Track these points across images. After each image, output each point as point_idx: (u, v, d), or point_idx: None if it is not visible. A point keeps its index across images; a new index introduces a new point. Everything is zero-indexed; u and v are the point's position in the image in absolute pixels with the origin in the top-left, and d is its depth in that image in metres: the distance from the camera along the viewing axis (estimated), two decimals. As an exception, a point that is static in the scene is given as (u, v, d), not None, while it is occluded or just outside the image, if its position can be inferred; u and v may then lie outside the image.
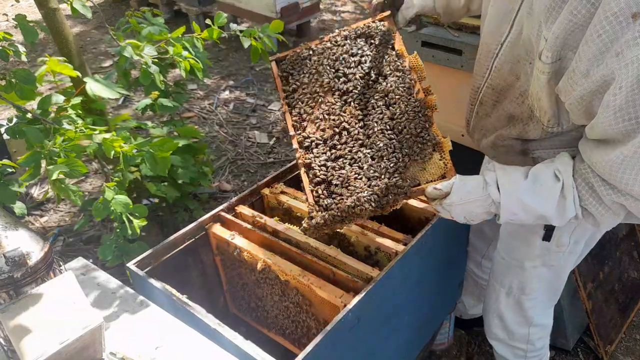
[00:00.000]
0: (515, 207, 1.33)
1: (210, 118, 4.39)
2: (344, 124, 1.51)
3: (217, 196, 3.44)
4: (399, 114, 1.49)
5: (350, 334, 1.39)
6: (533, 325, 1.87)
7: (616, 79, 1.09)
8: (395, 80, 1.54)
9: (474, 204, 1.36)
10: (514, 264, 1.75)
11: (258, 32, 2.17)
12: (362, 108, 1.53)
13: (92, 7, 2.02)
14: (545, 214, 1.32)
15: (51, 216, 3.32)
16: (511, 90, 1.48)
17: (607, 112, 1.13)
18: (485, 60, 1.52)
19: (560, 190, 1.29)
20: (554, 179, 1.30)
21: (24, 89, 1.71)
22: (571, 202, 1.29)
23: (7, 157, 2.98)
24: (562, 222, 1.35)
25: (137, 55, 1.99)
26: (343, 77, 1.58)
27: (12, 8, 7.04)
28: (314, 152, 1.49)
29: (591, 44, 1.11)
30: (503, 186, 1.34)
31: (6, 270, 1.12)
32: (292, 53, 1.68)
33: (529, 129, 1.46)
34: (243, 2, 5.27)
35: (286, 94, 1.62)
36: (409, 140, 1.46)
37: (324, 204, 1.42)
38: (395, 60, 1.59)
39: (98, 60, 5.55)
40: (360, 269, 1.52)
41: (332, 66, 1.60)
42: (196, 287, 1.83)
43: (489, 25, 1.48)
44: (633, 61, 1.05)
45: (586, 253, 1.80)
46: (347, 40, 1.65)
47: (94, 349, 1.16)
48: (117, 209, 1.71)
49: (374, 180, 1.42)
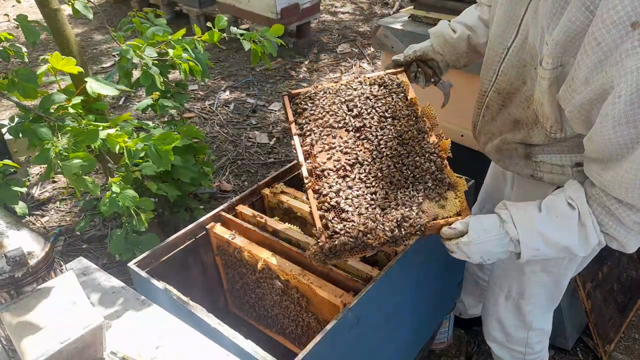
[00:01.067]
0: (537, 242, 1.29)
1: (211, 118, 4.39)
2: (357, 156, 1.49)
3: (218, 196, 3.45)
4: (412, 154, 1.49)
5: (350, 333, 1.39)
6: (532, 330, 1.87)
7: (615, 88, 1.08)
8: (408, 123, 1.56)
9: (492, 243, 1.32)
10: (514, 268, 1.75)
11: (258, 35, 2.17)
12: (376, 146, 1.51)
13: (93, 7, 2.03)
14: (569, 245, 1.28)
15: (52, 216, 3.32)
16: (517, 94, 1.47)
17: (606, 121, 1.12)
18: (492, 65, 1.52)
19: (578, 219, 1.25)
20: (569, 208, 1.27)
21: (27, 88, 1.72)
22: (592, 230, 1.25)
23: (8, 157, 2.98)
24: (587, 252, 1.30)
25: (138, 57, 1.99)
26: (358, 116, 1.59)
27: (13, 9, 7.05)
28: (325, 180, 1.45)
29: (590, 52, 1.11)
30: (519, 222, 1.30)
31: (7, 270, 1.12)
32: (306, 91, 1.68)
33: (533, 133, 1.46)
34: (243, 3, 5.27)
35: (299, 125, 1.61)
36: (424, 177, 1.45)
37: (335, 228, 1.35)
38: (409, 106, 1.60)
39: (99, 60, 5.56)
40: (360, 268, 1.53)
41: (347, 105, 1.61)
42: (197, 286, 1.83)
43: (496, 29, 1.48)
44: (632, 70, 1.04)
45: (589, 260, 1.79)
46: (361, 85, 1.67)
47: (94, 348, 1.17)
48: (124, 203, 1.72)
49: (388, 209, 1.38)
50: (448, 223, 1.36)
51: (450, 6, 2.42)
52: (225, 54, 5.51)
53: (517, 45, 1.41)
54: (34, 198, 3.46)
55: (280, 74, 5.11)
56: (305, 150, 1.54)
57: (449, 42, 1.70)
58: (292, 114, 1.64)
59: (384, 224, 1.34)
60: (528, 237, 1.29)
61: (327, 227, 1.36)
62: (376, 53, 5.27)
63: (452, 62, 1.75)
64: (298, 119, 1.62)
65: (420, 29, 2.43)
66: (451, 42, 1.70)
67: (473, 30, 1.69)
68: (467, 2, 2.35)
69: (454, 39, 1.69)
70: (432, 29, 1.76)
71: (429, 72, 1.75)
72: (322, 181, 1.45)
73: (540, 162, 1.50)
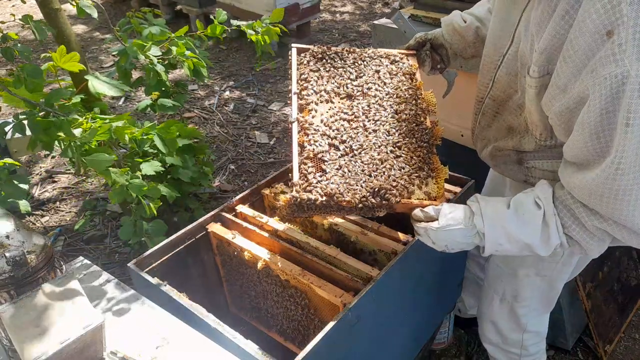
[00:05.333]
0: (500, 237, 1.31)
1: (211, 118, 4.39)
2: (350, 120, 1.51)
3: (218, 196, 3.45)
4: (405, 134, 1.49)
5: (350, 333, 1.39)
6: (526, 332, 1.87)
7: (590, 97, 1.08)
8: (408, 102, 1.56)
9: (459, 233, 1.34)
10: (507, 271, 1.76)
11: (260, 23, 2.18)
12: (371, 118, 1.52)
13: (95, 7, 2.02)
14: (530, 243, 1.30)
15: (52, 216, 3.32)
16: (510, 102, 1.49)
17: (582, 129, 1.13)
18: (488, 72, 1.53)
19: (542, 218, 1.27)
20: (535, 206, 1.29)
21: (34, 83, 1.73)
22: (554, 230, 1.27)
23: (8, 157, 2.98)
24: (547, 252, 1.32)
25: (144, 55, 2.00)
26: (361, 86, 1.59)
27: (14, 9, 7.05)
28: (313, 136, 1.45)
29: (568, 59, 1.11)
30: (487, 215, 1.32)
31: (7, 270, 1.12)
32: (316, 48, 1.66)
33: (525, 141, 1.47)
34: (243, 2, 5.28)
35: (301, 83, 1.59)
36: (411, 158, 1.46)
37: (312, 182, 1.35)
38: (413, 88, 1.61)
39: (99, 60, 5.56)
40: (360, 268, 1.53)
41: (354, 73, 1.61)
42: (196, 286, 1.83)
43: (492, 37, 1.49)
44: (606, 78, 1.04)
45: (584, 266, 1.79)
46: (371, 58, 1.67)
47: (94, 348, 1.17)
48: (133, 191, 1.75)
49: (368, 179, 1.40)
50: (422, 205, 1.38)
51: (450, 6, 2.42)
52: (225, 54, 5.51)
53: (511, 53, 1.42)
54: (34, 198, 3.46)
55: (280, 74, 5.11)
56: (301, 105, 1.54)
57: (458, 30, 1.71)
58: (297, 70, 1.62)
59: (360, 190, 1.36)
60: (493, 231, 1.31)
61: (306, 179, 1.37)
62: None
63: (459, 52, 1.76)
64: (301, 77, 1.60)
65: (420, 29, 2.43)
66: (460, 30, 1.71)
67: (482, 22, 1.70)
68: (467, 2, 2.35)
69: (462, 27, 1.71)
70: (444, 18, 1.77)
71: (437, 58, 1.76)
72: (309, 136, 1.45)
73: (532, 168, 1.52)
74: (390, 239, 1.65)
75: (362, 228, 1.71)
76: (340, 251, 1.60)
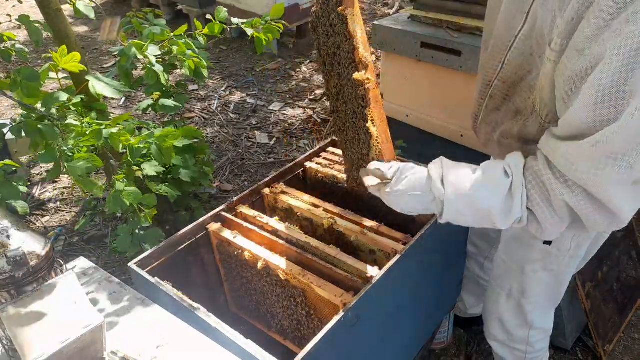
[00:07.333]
0: (462, 205, 1.26)
1: (211, 118, 4.40)
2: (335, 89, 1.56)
3: (218, 196, 3.45)
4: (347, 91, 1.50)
5: (349, 333, 1.40)
6: (533, 328, 1.87)
7: (607, 54, 1.04)
8: (344, 55, 1.46)
9: (414, 198, 1.29)
10: (514, 266, 1.75)
11: (260, 21, 2.17)
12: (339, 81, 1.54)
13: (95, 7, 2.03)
14: (492, 210, 1.24)
15: (52, 216, 3.33)
16: (522, 84, 1.44)
17: (591, 91, 1.07)
18: (499, 54, 1.48)
19: (509, 188, 1.23)
20: (504, 174, 1.24)
21: (29, 87, 1.71)
22: (518, 202, 1.22)
23: (9, 158, 2.99)
24: (505, 224, 1.27)
25: (142, 55, 1.99)
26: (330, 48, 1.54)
27: (14, 9, 7.06)
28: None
29: (592, 20, 1.06)
30: (450, 181, 1.26)
31: (8, 270, 1.12)
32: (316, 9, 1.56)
33: (529, 123, 1.43)
34: (243, 3, 5.28)
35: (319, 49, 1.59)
36: (352, 117, 1.48)
37: None
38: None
39: (99, 61, 5.57)
40: (360, 268, 1.53)
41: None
42: (197, 286, 1.83)
43: (504, 18, 1.44)
44: (628, 35, 0.99)
45: (589, 258, 1.79)
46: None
47: (95, 348, 1.17)
48: (128, 199, 1.73)
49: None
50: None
51: (450, 6, 2.42)
52: (225, 54, 5.51)
53: (524, 33, 1.36)
54: (34, 198, 3.46)
55: (280, 74, 5.11)
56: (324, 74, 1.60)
57: None
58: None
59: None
60: (455, 199, 1.25)
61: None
62: (376, 53, 5.27)
63: None
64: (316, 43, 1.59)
65: (420, 29, 2.43)
66: None
67: None
68: (467, 3, 2.36)
69: None
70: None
71: None
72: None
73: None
74: (390, 239, 1.65)
75: (362, 228, 1.71)
76: (340, 251, 1.60)
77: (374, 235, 1.68)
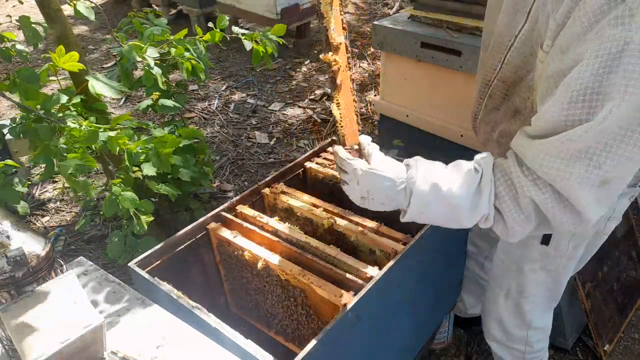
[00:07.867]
0: (429, 197, 1.24)
1: (211, 118, 4.40)
2: None
3: (218, 196, 3.45)
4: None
5: (350, 333, 1.40)
6: (532, 328, 1.87)
7: (585, 58, 1.04)
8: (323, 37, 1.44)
9: (386, 182, 1.27)
10: (513, 266, 1.76)
11: (260, 35, 2.18)
12: None
13: (94, 8, 2.03)
14: (460, 204, 1.24)
15: (53, 216, 3.33)
16: (521, 83, 1.45)
17: (567, 89, 1.07)
18: (498, 54, 1.49)
19: (478, 183, 1.23)
20: (473, 170, 1.25)
21: (28, 89, 1.70)
22: (486, 198, 1.22)
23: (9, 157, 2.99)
24: (471, 222, 1.27)
25: (140, 57, 2.00)
26: None
27: (14, 9, 7.06)
28: None
29: (577, 20, 1.07)
30: (420, 171, 1.26)
31: (8, 270, 1.12)
32: None
33: (528, 123, 1.44)
34: (244, 3, 5.28)
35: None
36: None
37: None
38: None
39: (99, 61, 5.57)
40: (360, 268, 1.53)
41: None
42: (197, 286, 1.83)
43: (505, 17, 1.44)
44: (608, 38, 1.01)
45: (588, 259, 1.79)
46: None
47: (95, 348, 1.17)
48: (124, 205, 1.72)
49: None
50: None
51: (450, 6, 2.42)
52: (225, 54, 5.51)
53: (525, 33, 1.37)
54: (34, 198, 3.47)
55: (280, 74, 5.11)
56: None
57: None
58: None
59: None
60: (423, 189, 1.25)
61: None
62: (376, 53, 5.27)
63: None
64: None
65: (420, 29, 2.43)
66: None
67: None
68: (467, 3, 2.36)
69: None
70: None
71: None
72: None
73: None
74: (390, 239, 1.65)
75: (362, 228, 1.71)
76: (340, 251, 1.60)
77: (374, 235, 1.68)
